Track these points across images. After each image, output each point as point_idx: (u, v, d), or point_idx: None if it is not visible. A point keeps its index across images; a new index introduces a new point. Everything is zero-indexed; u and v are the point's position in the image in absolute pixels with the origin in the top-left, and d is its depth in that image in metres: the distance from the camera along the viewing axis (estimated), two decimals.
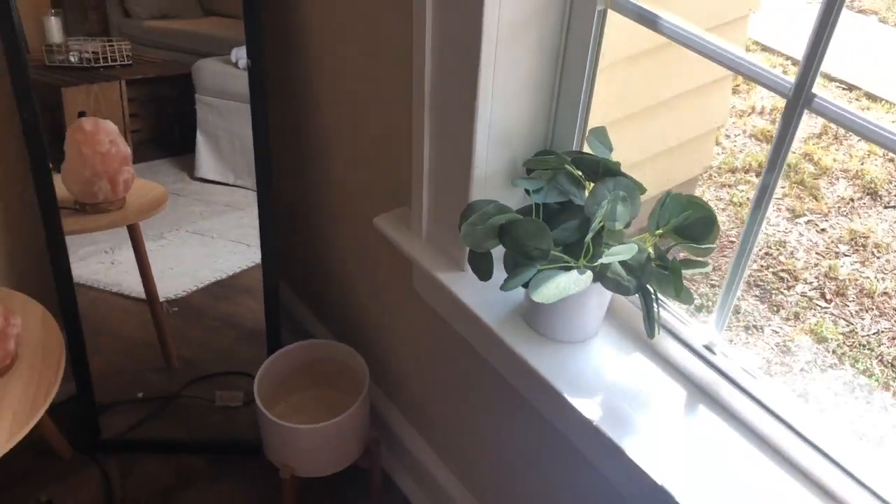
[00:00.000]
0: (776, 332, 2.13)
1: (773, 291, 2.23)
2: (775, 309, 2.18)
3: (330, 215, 1.51)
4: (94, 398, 1.59)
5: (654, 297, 0.95)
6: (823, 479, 0.88)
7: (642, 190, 0.96)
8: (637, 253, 0.91)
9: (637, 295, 0.94)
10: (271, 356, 1.48)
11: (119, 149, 1.58)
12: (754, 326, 2.15)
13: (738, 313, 2.17)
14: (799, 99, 0.78)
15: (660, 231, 0.93)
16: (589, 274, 0.91)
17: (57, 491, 1.54)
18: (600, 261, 0.91)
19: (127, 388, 1.75)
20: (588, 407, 0.94)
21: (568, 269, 0.93)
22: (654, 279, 0.93)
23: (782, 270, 2.30)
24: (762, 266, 2.31)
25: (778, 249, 2.36)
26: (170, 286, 1.81)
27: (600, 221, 0.91)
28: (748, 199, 2.51)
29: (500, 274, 0.97)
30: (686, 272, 0.92)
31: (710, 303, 2.17)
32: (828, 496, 0.87)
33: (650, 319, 0.94)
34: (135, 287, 1.76)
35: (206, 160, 1.80)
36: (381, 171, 1.27)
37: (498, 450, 1.25)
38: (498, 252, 0.97)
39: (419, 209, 1.15)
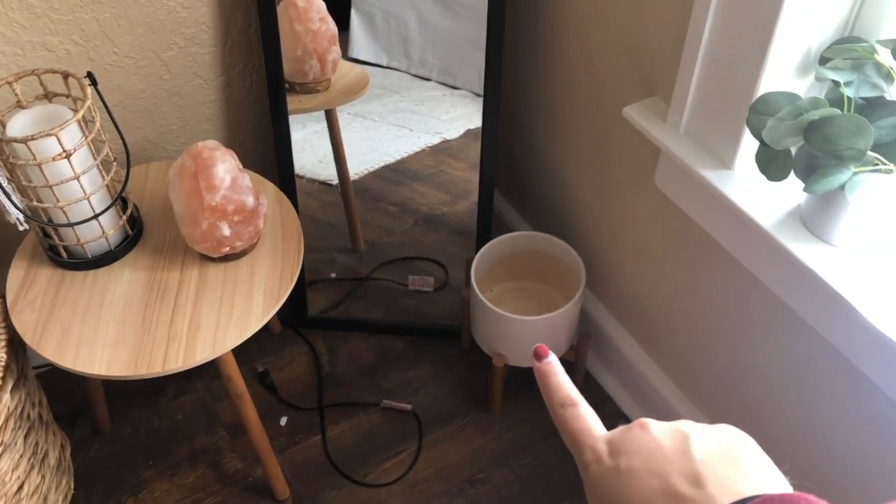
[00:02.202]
0: None
1: None
2: None
3: (553, 105, 1.44)
4: (304, 278, 1.63)
5: None
6: None
7: None
8: None
9: None
10: (487, 245, 1.47)
11: (328, 26, 1.54)
12: None
13: None
14: None
15: None
16: None
17: (271, 364, 1.61)
18: None
19: (320, 269, 1.79)
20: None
21: (886, 172, 0.84)
22: None
23: None
24: None
25: None
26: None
27: None
28: None
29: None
30: None
31: None
32: None
33: None
34: (313, 168, 1.76)
35: (360, 39, 1.75)
36: (626, 60, 1.19)
37: (741, 360, 1.21)
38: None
39: (682, 100, 1.07)
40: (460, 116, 1.81)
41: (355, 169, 1.86)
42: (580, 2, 1.25)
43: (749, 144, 1.01)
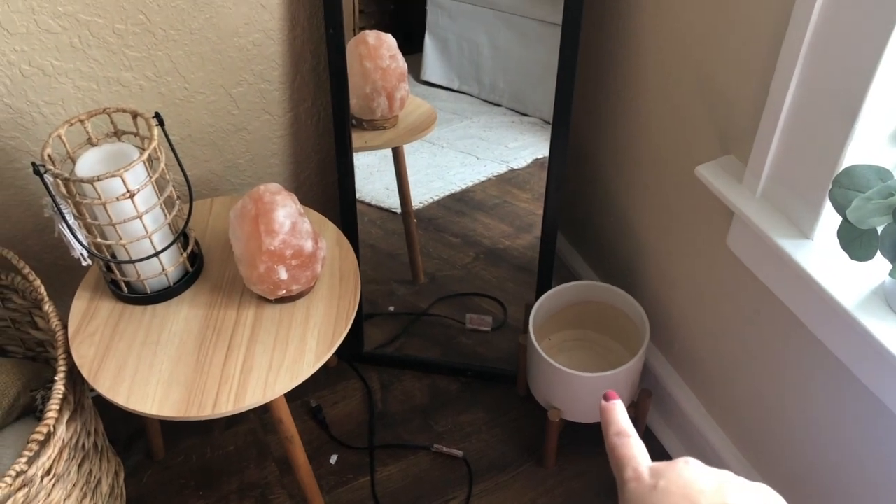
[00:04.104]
0: None
1: None
2: None
3: (623, 155, 1.40)
4: (362, 312, 1.62)
5: None
6: None
7: None
8: None
9: None
10: (548, 293, 1.43)
11: (398, 64, 1.53)
12: None
13: None
14: None
15: None
16: None
17: (324, 399, 1.61)
18: None
19: (379, 301, 1.78)
20: None
21: None
22: None
23: None
24: None
25: None
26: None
27: None
28: None
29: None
30: None
31: None
32: None
33: None
34: (378, 195, 1.75)
35: (433, 63, 1.73)
36: (703, 115, 1.14)
37: (808, 430, 1.14)
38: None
39: (760, 162, 1.02)
40: (528, 144, 1.77)
41: (420, 197, 1.84)
42: (658, 49, 1.21)
43: (831, 215, 0.95)
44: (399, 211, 1.77)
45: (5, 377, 1.24)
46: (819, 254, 0.97)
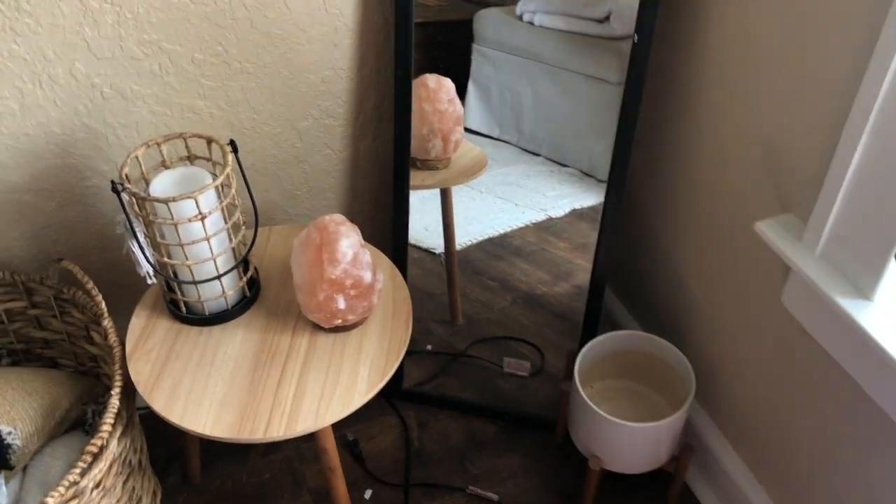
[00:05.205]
0: None
1: None
2: None
3: (676, 207, 1.42)
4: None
5: None
6: None
7: None
8: None
9: None
10: (593, 341, 1.43)
11: (455, 108, 1.57)
12: None
13: None
14: None
15: None
16: None
17: (361, 432, 1.61)
18: None
19: (417, 339, 1.79)
20: None
21: None
22: None
23: None
24: None
25: None
26: (443, 238, 1.81)
27: None
28: None
29: None
30: None
31: None
32: None
33: None
34: (418, 235, 1.77)
35: (475, 111, 1.76)
36: (762, 172, 1.16)
37: (856, 498, 1.13)
38: None
39: (821, 222, 1.03)
40: (566, 195, 1.80)
41: (459, 239, 1.86)
42: (719, 105, 1.23)
43: (893, 276, 0.96)
44: (437, 251, 1.79)
45: (59, 389, 1.27)
46: (879, 315, 0.97)
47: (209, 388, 1.14)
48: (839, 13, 0.95)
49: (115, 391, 1.14)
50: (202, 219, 1.09)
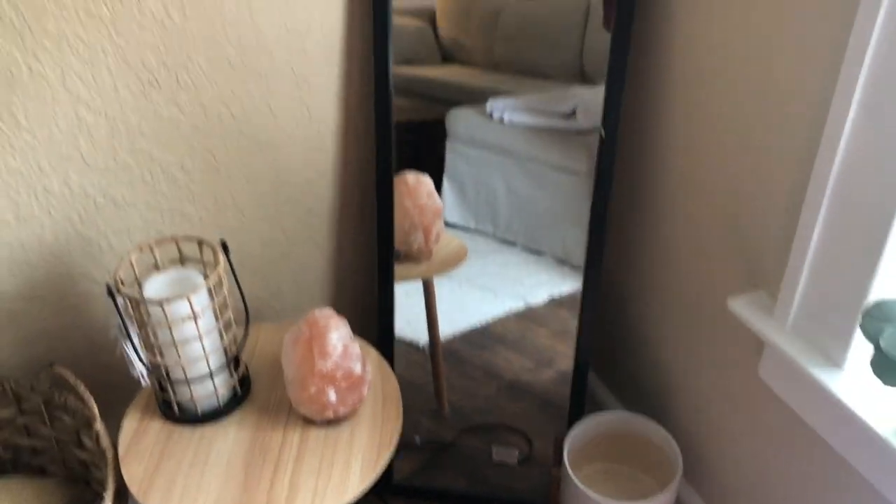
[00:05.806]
0: None
1: None
2: None
3: (651, 288, 1.47)
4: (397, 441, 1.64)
5: None
6: None
7: None
8: None
9: None
10: (579, 424, 1.46)
11: (434, 202, 1.64)
12: None
13: None
14: None
15: None
16: None
17: None
18: None
19: (405, 431, 1.80)
20: None
21: None
22: None
23: None
24: None
25: None
26: (426, 330, 1.84)
27: None
28: None
29: None
30: None
31: None
32: None
33: None
34: (401, 329, 1.81)
35: (451, 204, 1.83)
36: (731, 251, 1.22)
37: None
38: None
39: (789, 297, 1.08)
40: (543, 282, 1.85)
41: (442, 329, 1.90)
42: (686, 188, 1.30)
43: (861, 344, 1.01)
44: (420, 344, 1.82)
45: (48, 498, 1.26)
46: (850, 382, 1.02)
47: (203, 488, 1.14)
48: (792, 91, 1.03)
49: (108, 494, 1.14)
50: (195, 318, 1.12)
